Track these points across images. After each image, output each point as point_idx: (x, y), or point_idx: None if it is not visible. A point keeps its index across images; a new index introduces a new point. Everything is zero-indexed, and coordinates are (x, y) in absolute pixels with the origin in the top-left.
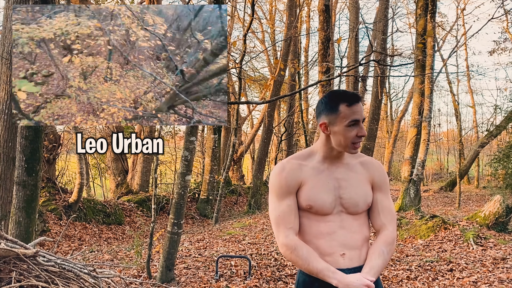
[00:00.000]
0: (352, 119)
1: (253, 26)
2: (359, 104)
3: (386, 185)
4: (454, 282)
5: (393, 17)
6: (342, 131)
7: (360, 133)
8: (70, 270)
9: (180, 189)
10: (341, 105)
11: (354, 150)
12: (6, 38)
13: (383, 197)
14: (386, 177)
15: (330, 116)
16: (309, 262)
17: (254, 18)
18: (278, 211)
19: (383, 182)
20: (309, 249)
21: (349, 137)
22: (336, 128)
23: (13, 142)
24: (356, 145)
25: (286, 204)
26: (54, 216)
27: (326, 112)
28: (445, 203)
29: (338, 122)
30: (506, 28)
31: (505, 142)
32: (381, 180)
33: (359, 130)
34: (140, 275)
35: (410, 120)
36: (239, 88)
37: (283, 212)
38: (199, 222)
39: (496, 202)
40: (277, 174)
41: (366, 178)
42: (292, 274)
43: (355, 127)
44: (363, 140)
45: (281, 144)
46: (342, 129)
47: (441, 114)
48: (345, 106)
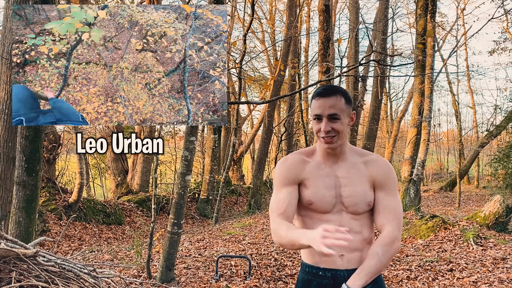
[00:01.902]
0: (314, 113)
1: (253, 26)
2: (326, 99)
3: (390, 184)
4: (454, 282)
5: (393, 17)
6: (312, 125)
7: (322, 127)
8: (70, 270)
9: (180, 189)
10: (313, 99)
11: (325, 144)
12: (6, 38)
13: (385, 196)
14: (390, 176)
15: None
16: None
17: (254, 18)
18: (274, 199)
19: (386, 181)
20: (289, 224)
21: (315, 130)
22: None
23: (13, 142)
24: (324, 139)
25: (283, 193)
26: (54, 216)
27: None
28: (445, 203)
29: (311, 115)
30: (506, 28)
31: (505, 142)
32: (384, 178)
33: (322, 125)
34: (140, 275)
35: (410, 120)
36: (239, 88)
37: (278, 200)
38: (199, 222)
39: (496, 202)
40: (279, 165)
41: (366, 176)
42: (292, 274)
43: (319, 122)
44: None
45: (281, 144)
46: (312, 122)
47: (441, 114)
48: (314, 100)
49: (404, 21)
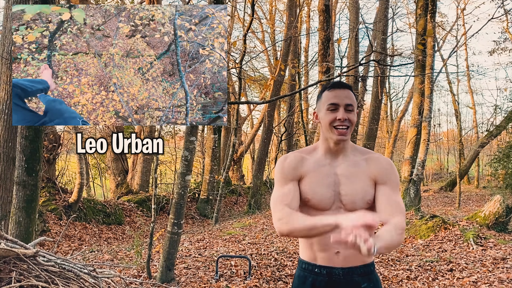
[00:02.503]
0: (331, 103)
1: (253, 26)
2: (341, 90)
3: (393, 181)
4: (454, 282)
5: (393, 17)
6: (324, 116)
7: (338, 116)
8: (70, 270)
9: (180, 189)
10: (324, 92)
11: (338, 136)
12: (6, 38)
13: (390, 191)
14: (392, 173)
15: (318, 104)
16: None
17: (254, 18)
18: (277, 193)
19: (389, 177)
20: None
21: (328, 120)
22: (321, 114)
23: (13, 142)
24: (338, 129)
25: (287, 188)
26: (54, 216)
27: (317, 101)
28: (445, 203)
29: (322, 107)
30: (506, 28)
31: (505, 142)
32: (386, 175)
33: (338, 113)
34: (140, 275)
35: (410, 120)
36: (239, 88)
37: (282, 193)
38: (199, 222)
39: (496, 202)
40: (280, 162)
41: (367, 174)
42: (292, 274)
43: (335, 111)
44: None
45: (281, 144)
46: (323, 113)
47: (441, 114)
48: (327, 91)
49: (404, 21)
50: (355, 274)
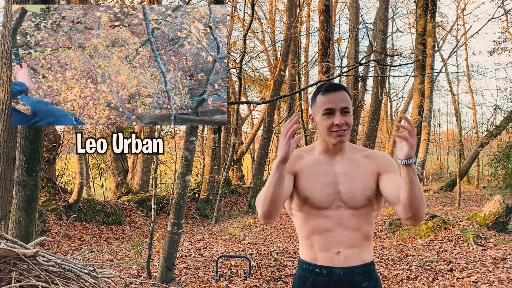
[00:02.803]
0: (325, 108)
1: (253, 26)
2: (335, 93)
3: (396, 168)
4: (454, 282)
5: (393, 17)
6: (320, 121)
7: (335, 121)
8: (70, 270)
9: (180, 189)
10: (318, 95)
11: (337, 138)
12: (6, 38)
13: (397, 176)
14: (393, 163)
15: (313, 107)
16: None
17: (254, 18)
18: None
19: (391, 166)
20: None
21: (325, 126)
22: (317, 118)
23: (13, 142)
24: (337, 133)
25: None
26: (54, 216)
27: (311, 104)
28: (445, 203)
29: (317, 112)
30: (506, 28)
31: (505, 142)
32: (388, 164)
33: (335, 118)
34: (140, 275)
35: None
36: (239, 88)
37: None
38: (199, 222)
39: (496, 202)
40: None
41: (370, 169)
42: (292, 274)
43: (331, 116)
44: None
45: None
46: (319, 118)
47: (441, 114)
48: (321, 95)
49: (404, 21)
50: (355, 274)
